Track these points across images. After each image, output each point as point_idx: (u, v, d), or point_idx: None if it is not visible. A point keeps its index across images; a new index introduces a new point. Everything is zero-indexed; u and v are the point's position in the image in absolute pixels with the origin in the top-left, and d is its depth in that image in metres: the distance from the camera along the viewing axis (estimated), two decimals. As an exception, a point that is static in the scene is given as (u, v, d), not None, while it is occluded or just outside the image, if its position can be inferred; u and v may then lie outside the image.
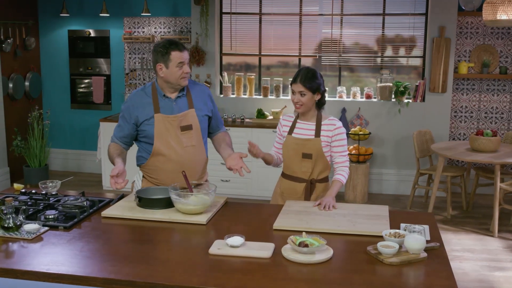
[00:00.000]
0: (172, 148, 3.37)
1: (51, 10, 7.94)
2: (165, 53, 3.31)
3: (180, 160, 3.39)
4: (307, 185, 3.54)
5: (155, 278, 2.28)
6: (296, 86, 3.45)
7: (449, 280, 2.30)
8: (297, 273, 2.36)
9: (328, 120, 3.53)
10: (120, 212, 3.08)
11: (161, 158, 3.40)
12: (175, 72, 3.33)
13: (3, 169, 7.30)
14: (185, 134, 3.40)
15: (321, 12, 7.29)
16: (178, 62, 3.31)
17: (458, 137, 7.24)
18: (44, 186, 3.38)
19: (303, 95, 3.44)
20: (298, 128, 3.56)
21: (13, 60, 7.56)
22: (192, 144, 3.43)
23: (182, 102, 3.45)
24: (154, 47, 3.38)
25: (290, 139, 3.54)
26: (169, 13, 7.60)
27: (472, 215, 6.45)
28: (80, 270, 2.37)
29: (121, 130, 3.46)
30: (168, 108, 3.40)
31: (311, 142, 3.48)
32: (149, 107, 3.39)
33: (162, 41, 3.37)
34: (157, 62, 3.35)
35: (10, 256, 2.51)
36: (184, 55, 3.33)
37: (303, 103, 3.45)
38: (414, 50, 7.20)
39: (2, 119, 7.24)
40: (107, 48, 7.89)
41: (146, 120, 3.38)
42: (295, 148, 3.51)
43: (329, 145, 3.51)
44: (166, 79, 3.37)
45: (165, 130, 3.36)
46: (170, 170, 3.39)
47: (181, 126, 3.39)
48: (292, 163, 3.55)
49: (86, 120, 8.13)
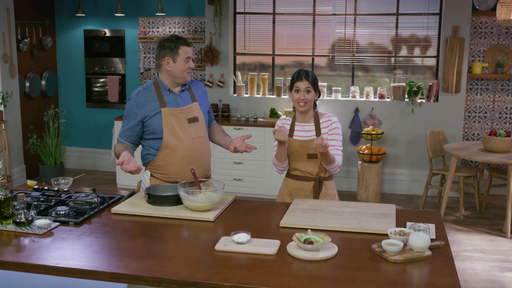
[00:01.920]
0: (181, 140, 3.44)
1: (67, 10, 8.05)
2: (174, 47, 3.40)
3: (189, 152, 3.46)
4: (316, 183, 3.56)
5: (161, 273, 2.32)
6: (303, 83, 3.47)
7: (453, 278, 2.31)
8: (301, 269, 2.39)
9: (325, 117, 3.58)
10: (130, 208, 3.13)
11: (170, 151, 3.45)
12: (181, 67, 3.43)
13: (19, 167, 7.41)
14: (192, 126, 3.50)
15: (334, 12, 7.30)
16: (186, 57, 3.42)
17: (472, 137, 7.21)
18: (57, 183, 3.45)
19: (308, 92, 3.48)
20: (297, 130, 3.58)
21: (30, 59, 7.67)
22: (199, 135, 3.53)
23: (186, 96, 3.55)
24: (161, 42, 3.45)
25: (293, 142, 3.55)
26: (183, 13, 7.66)
27: (485, 215, 6.42)
28: (88, 265, 2.42)
29: (126, 130, 3.50)
30: (174, 102, 3.49)
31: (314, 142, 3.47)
32: (154, 103, 3.45)
33: (169, 36, 3.46)
34: (164, 56, 3.43)
35: (21, 250, 2.57)
36: (190, 50, 3.47)
37: (308, 100, 3.49)
38: (429, 50, 7.18)
39: (18, 118, 7.35)
40: (122, 48, 7.97)
41: (152, 116, 3.43)
42: (299, 150, 3.53)
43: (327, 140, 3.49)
44: (171, 73, 3.45)
45: (173, 122, 3.44)
46: (179, 162, 3.45)
47: (188, 118, 3.49)
48: (297, 165, 3.57)
49: (101, 119, 8.22)
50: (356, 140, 7.22)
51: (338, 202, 3.39)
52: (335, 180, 6.72)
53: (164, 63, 3.44)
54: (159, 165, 3.50)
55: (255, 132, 6.80)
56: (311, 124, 3.57)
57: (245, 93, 7.61)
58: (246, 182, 6.97)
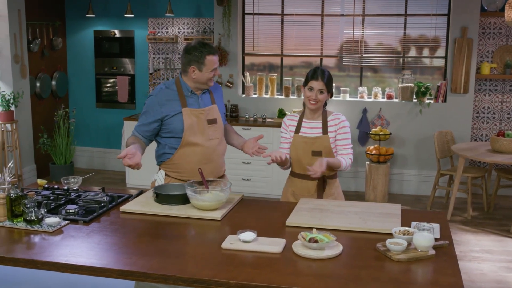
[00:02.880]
0: (200, 140, 3.50)
1: (78, 11, 8.12)
2: (201, 57, 3.42)
3: (206, 152, 3.52)
4: (320, 183, 3.58)
5: (168, 271, 2.36)
6: (318, 83, 3.47)
7: (455, 277, 2.33)
8: (306, 268, 2.42)
9: (333, 115, 3.59)
10: (138, 207, 3.17)
11: (188, 150, 3.50)
12: (207, 76, 3.47)
13: (30, 166, 7.49)
14: (211, 127, 3.55)
15: (342, 13, 7.33)
16: (212, 67, 3.46)
17: (480, 138, 7.21)
18: (66, 182, 3.50)
19: (321, 93, 3.49)
20: (304, 127, 3.59)
21: (41, 60, 7.75)
22: (217, 137, 3.59)
23: (206, 97, 3.61)
24: (188, 50, 3.45)
25: (298, 138, 3.58)
26: (192, 14, 7.71)
27: (493, 216, 6.42)
28: (97, 262, 2.46)
29: (143, 125, 3.54)
30: (195, 103, 3.54)
31: (320, 139, 3.53)
32: (175, 102, 3.50)
33: (196, 44, 3.46)
34: (190, 65, 3.45)
35: (32, 248, 2.62)
36: (216, 59, 3.48)
37: (319, 100, 3.50)
38: (437, 51, 7.18)
39: (29, 118, 7.43)
40: (132, 48, 8.04)
41: (173, 116, 3.48)
42: (304, 146, 3.55)
43: (335, 139, 3.56)
44: (196, 80, 3.49)
45: (193, 123, 3.49)
46: (196, 162, 3.49)
47: (208, 119, 3.54)
48: (301, 162, 3.57)
49: (111, 119, 8.29)
50: (364, 140, 7.24)
51: (344, 202, 3.41)
52: (343, 180, 6.80)
53: (190, 71, 3.47)
54: (175, 164, 3.53)
55: (263, 132, 6.84)
56: (319, 121, 3.58)
57: (253, 94, 7.65)
58: (254, 182, 7.01)
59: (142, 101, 8.09)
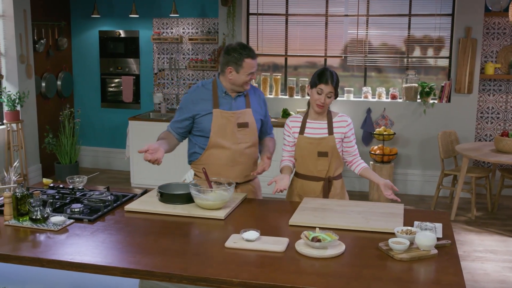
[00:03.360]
0: (227, 143, 3.50)
1: (83, 12, 8.16)
2: (239, 59, 3.41)
3: (233, 156, 3.52)
4: (325, 183, 3.56)
5: (172, 269, 2.38)
6: (327, 87, 3.42)
7: (457, 276, 2.34)
8: (309, 267, 2.44)
9: (339, 116, 3.57)
10: (143, 206, 3.20)
11: (215, 152, 3.52)
12: (243, 78, 3.45)
13: (35, 166, 7.53)
14: (241, 131, 3.53)
15: (346, 13, 7.34)
16: (250, 71, 3.44)
17: (484, 138, 7.21)
18: (72, 181, 3.53)
19: (329, 97, 3.45)
20: (309, 128, 3.57)
21: (46, 60, 7.79)
22: (246, 141, 3.55)
23: (241, 101, 3.57)
24: (227, 50, 3.45)
25: (303, 139, 3.55)
26: (197, 14, 7.74)
27: (497, 216, 6.42)
28: (102, 260, 2.48)
29: (176, 121, 3.59)
30: (227, 104, 3.53)
31: (326, 140, 3.51)
32: (208, 102, 3.51)
33: (236, 45, 3.46)
34: (227, 65, 3.45)
35: (37, 246, 2.65)
36: (255, 63, 3.46)
37: (327, 104, 3.47)
38: (442, 51, 7.18)
39: (35, 117, 7.47)
40: (137, 48, 8.07)
41: (204, 115, 3.50)
42: (309, 147, 3.52)
43: (342, 141, 3.55)
44: (232, 81, 3.48)
45: (222, 125, 3.49)
46: (223, 164, 3.52)
47: (238, 123, 3.51)
48: (307, 163, 3.56)
49: (116, 119, 8.32)
50: (368, 140, 7.25)
51: (347, 201, 3.42)
52: (347, 180, 6.81)
53: (227, 71, 3.46)
54: (202, 164, 3.54)
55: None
56: (324, 122, 3.55)
57: (257, 94, 7.65)
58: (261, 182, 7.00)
59: (146, 101, 8.13)
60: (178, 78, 7.95)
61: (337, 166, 3.58)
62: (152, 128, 7.08)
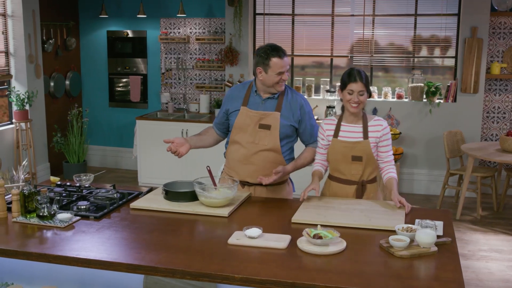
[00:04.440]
0: (243, 140, 3.54)
1: (91, 12, 8.22)
2: (266, 59, 3.42)
3: (247, 155, 3.54)
4: (358, 187, 3.50)
5: (176, 265, 2.43)
6: (357, 85, 3.35)
7: (456, 273, 2.38)
8: (310, 263, 2.48)
9: (374, 120, 3.48)
10: (148, 204, 3.25)
11: (233, 147, 3.61)
12: (273, 79, 3.45)
13: (44, 164, 7.60)
14: (260, 132, 3.52)
15: (352, 13, 7.37)
16: (278, 71, 3.43)
17: (490, 137, 7.21)
18: (78, 179, 3.58)
19: (362, 94, 3.37)
20: (343, 131, 3.48)
21: (55, 59, 7.86)
22: (264, 143, 3.52)
23: (271, 103, 3.55)
24: (257, 51, 3.50)
25: (337, 142, 3.47)
26: (204, 14, 7.79)
27: (502, 216, 6.42)
28: (107, 256, 2.54)
29: (218, 117, 3.74)
30: (255, 104, 3.56)
31: (360, 144, 3.43)
32: (240, 100, 3.60)
33: (264, 46, 3.48)
34: (257, 66, 3.48)
35: (44, 242, 2.71)
36: (284, 62, 3.43)
37: (361, 102, 3.38)
38: (449, 51, 7.19)
39: (43, 117, 7.54)
40: (144, 48, 8.13)
41: (234, 111, 3.59)
42: (344, 151, 3.45)
43: (376, 145, 3.46)
44: (263, 82, 3.50)
45: (243, 122, 3.54)
46: (236, 160, 3.59)
47: (260, 123, 3.52)
48: (341, 167, 3.50)
49: (123, 118, 8.39)
50: (374, 140, 7.26)
51: (350, 200, 3.42)
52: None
53: (257, 72, 3.49)
54: (228, 158, 3.69)
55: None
56: (359, 125, 3.47)
57: (264, 93, 7.69)
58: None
59: (154, 101, 8.19)
60: (185, 77, 8.00)
61: (371, 170, 3.50)
62: (160, 128, 7.14)
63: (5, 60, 7.11)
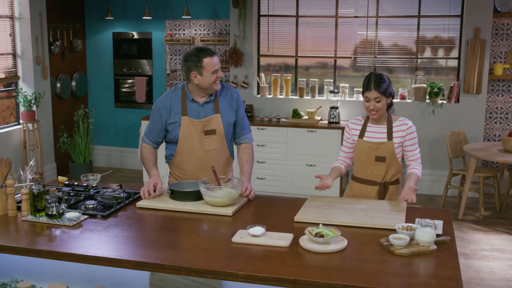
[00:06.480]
0: (195, 150, 3.58)
1: (97, 14, 8.30)
2: (198, 62, 3.44)
3: (201, 163, 3.60)
4: (381, 188, 3.55)
5: (180, 262, 2.50)
6: (371, 93, 3.42)
7: (454, 270, 2.43)
8: (312, 261, 2.54)
9: (399, 121, 3.53)
10: (153, 203, 3.32)
11: (184, 158, 3.62)
12: (209, 79, 3.47)
13: (50, 164, 7.69)
14: (208, 138, 3.57)
15: (356, 14, 7.42)
16: (212, 69, 3.45)
17: (493, 138, 7.25)
18: (86, 179, 3.66)
19: (378, 101, 3.42)
20: (369, 131, 3.55)
21: (61, 61, 7.94)
22: (214, 147, 3.60)
23: (209, 107, 3.59)
24: (185, 57, 3.49)
25: (362, 142, 3.54)
26: (208, 16, 7.85)
27: (505, 216, 6.47)
28: (114, 254, 2.61)
29: (152, 130, 3.67)
30: (195, 112, 3.57)
31: (384, 145, 3.49)
32: (176, 109, 3.57)
33: (192, 51, 3.50)
34: (190, 71, 3.47)
35: (53, 240, 2.78)
36: (215, 60, 3.46)
37: (379, 109, 3.44)
38: (452, 52, 7.24)
39: (50, 117, 7.63)
40: (150, 50, 8.20)
41: (173, 123, 3.58)
42: (368, 151, 3.51)
43: (402, 145, 3.51)
44: (200, 85, 3.50)
45: (189, 133, 3.55)
46: (192, 169, 3.62)
47: (204, 130, 3.56)
48: (364, 167, 3.56)
49: (129, 119, 8.46)
50: (377, 140, 7.30)
51: (352, 199, 3.49)
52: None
53: (191, 77, 3.48)
54: (175, 167, 3.71)
55: (278, 132, 6.97)
56: (384, 126, 3.52)
57: (268, 94, 7.77)
58: (268, 181, 7.12)
59: (159, 101, 8.24)
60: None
61: (395, 172, 3.56)
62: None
63: (13, 61, 7.20)
